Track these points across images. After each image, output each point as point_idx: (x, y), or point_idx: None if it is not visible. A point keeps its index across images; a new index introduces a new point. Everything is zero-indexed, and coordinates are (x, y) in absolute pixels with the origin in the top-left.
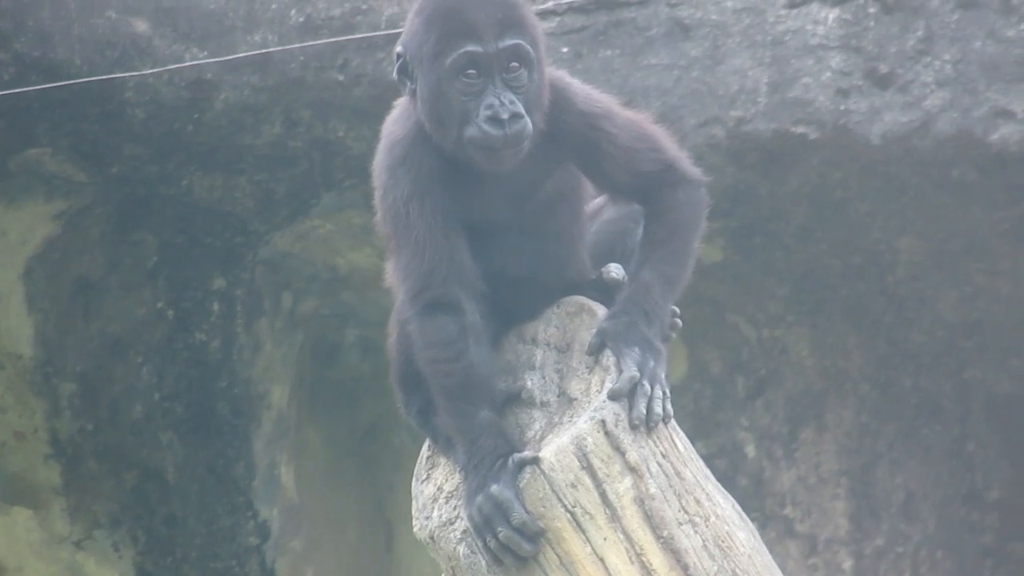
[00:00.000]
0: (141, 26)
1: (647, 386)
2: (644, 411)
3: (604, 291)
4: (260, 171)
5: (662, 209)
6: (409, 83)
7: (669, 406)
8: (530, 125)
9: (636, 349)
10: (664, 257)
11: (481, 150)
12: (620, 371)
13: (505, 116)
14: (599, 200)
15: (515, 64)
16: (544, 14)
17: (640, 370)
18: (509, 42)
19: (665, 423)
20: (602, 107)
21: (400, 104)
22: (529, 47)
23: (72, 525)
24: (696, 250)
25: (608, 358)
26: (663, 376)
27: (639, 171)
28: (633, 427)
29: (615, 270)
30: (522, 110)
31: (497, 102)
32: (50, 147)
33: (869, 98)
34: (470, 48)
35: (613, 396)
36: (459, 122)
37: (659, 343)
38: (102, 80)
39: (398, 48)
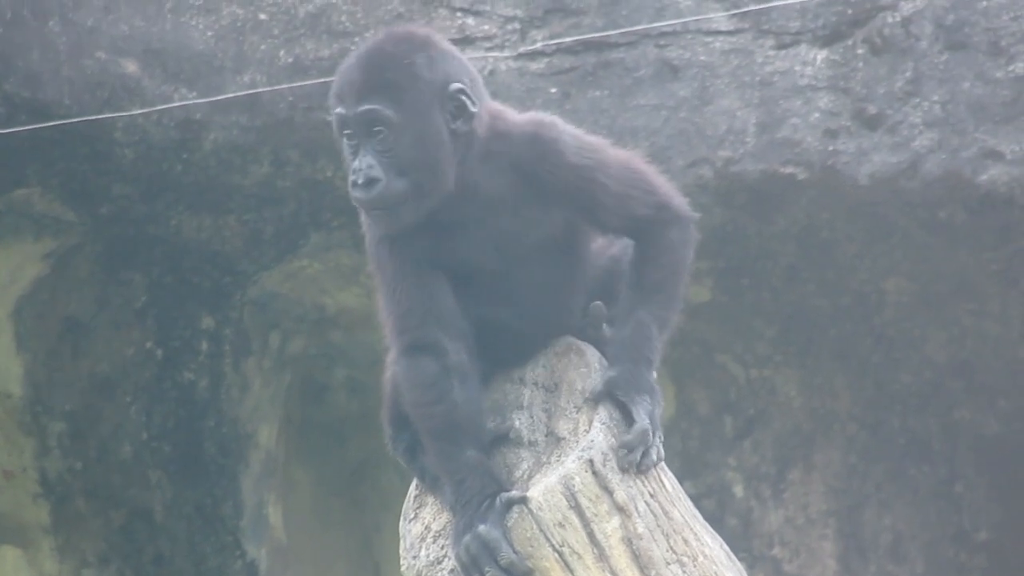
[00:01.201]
0: (131, 67)
1: (654, 439)
2: (655, 459)
3: (594, 330)
4: (248, 211)
5: (656, 250)
6: None
7: (662, 449)
8: (396, 187)
9: (646, 398)
10: (661, 302)
11: (361, 210)
12: (633, 420)
13: (360, 182)
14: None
15: (378, 128)
16: (533, 55)
17: (651, 419)
18: (365, 107)
19: (656, 465)
20: (594, 158)
21: None
22: (389, 111)
23: (61, 564)
24: (685, 288)
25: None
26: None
27: (633, 215)
28: (623, 470)
29: (598, 310)
30: (378, 174)
31: (356, 166)
32: (39, 187)
33: (857, 139)
34: (339, 110)
35: (628, 446)
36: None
37: (655, 384)
38: (91, 120)
39: None
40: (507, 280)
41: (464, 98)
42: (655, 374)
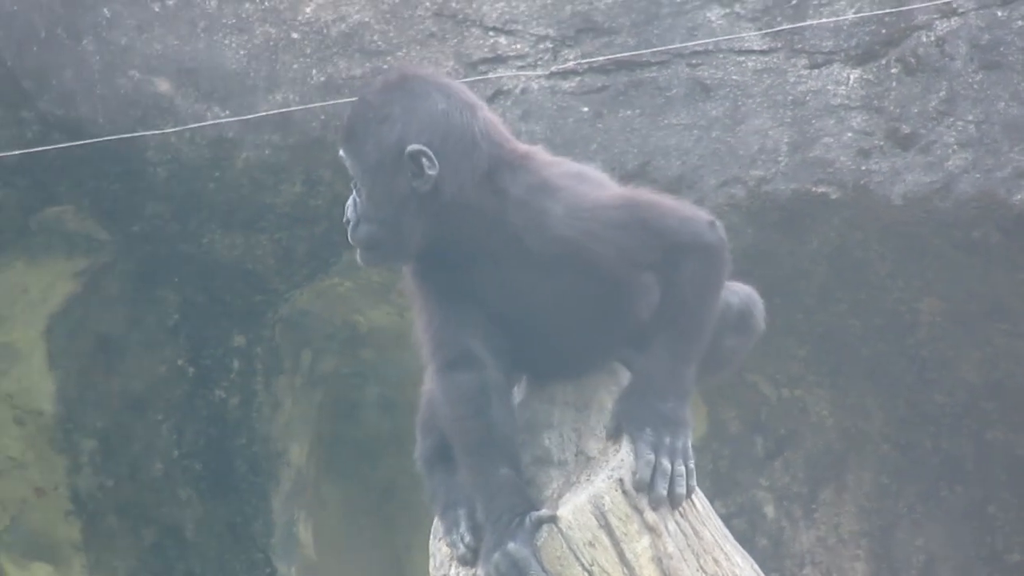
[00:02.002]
0: (163, 85)
1: (666, 464)
2: (664, 492)
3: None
4: (280, 229)
5: (670, 283)
6: None
7: (692, 481)
8: (363, 231)
9: (648, 430)
10: (674, 335)
11: None
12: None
13: (345, 219)
14: None
15: (351, 172)
16: (564, 74)
17: (655, 451)
18: (340, 151)
19: (688, 497)
20: (585, 227)
21: None
22: (351, 160)
23: None
24: (710, 316)
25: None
26: (685, 445)
27: (641, 261)
28: (653, 508)
29: None
30: (351, 215)
31: (348, 203)
32: (72, 205)
33: (891, 159)
34: (340, 151)
35: (637, 487)
36: None
37: (678, 414)
38: (124, 139)
39: None
40: (531, 325)
41: (424, 159)
42: (671, 403)
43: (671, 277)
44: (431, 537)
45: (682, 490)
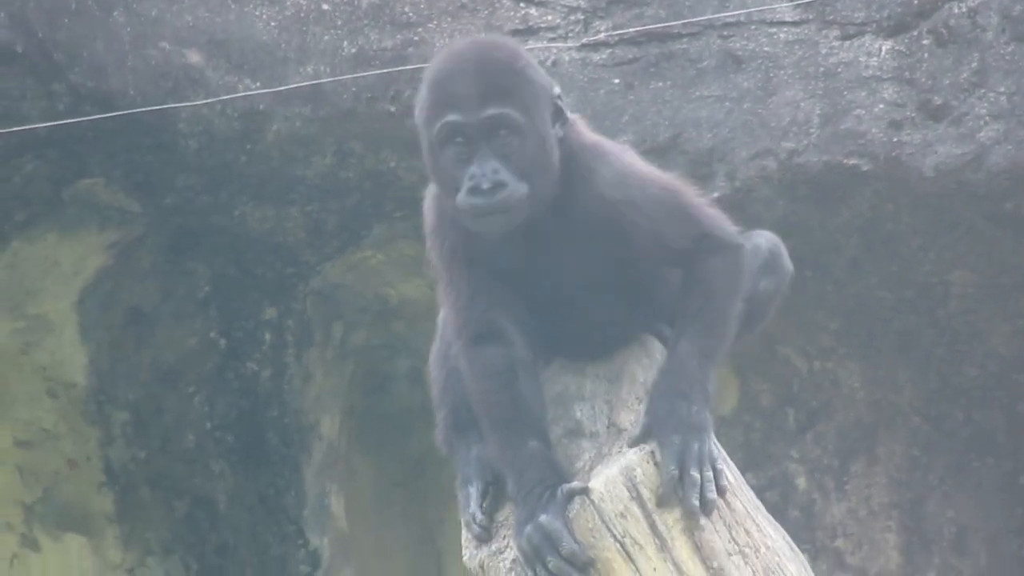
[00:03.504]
0: (194, 57)
1: (695, 475)
2: (696, 503)
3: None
4: (311, 202)
5: (695, 279)
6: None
7: (723, 481)
8: (520, 191)
9: (675, 438)
10: (700, 331)
11: (468, 216)
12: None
13: (485, 186)
14: None
15: (503, 132)
16: (595, 45)
17: (681, 461)
18: (492, 111)
19: (720, 495)
20: (626, 193)
21: None
22: (517, 113)
23: (125, 553)
24: (734, 316)
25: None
26: (711, 449)
27: (669, 246)
28: (690, 517)
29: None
30: (506, 178)
31: (479, 172)
32: (103, 177)
33: (922, 130)
34: (452, 118)
35: (663, 503)
36: (452, 188)
37: (702, 417)
38: (155, 111)
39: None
40: (557, 297)
41: (561, 103)
42: (696, 406)
43: (698, 269)
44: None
45: (712, 495)
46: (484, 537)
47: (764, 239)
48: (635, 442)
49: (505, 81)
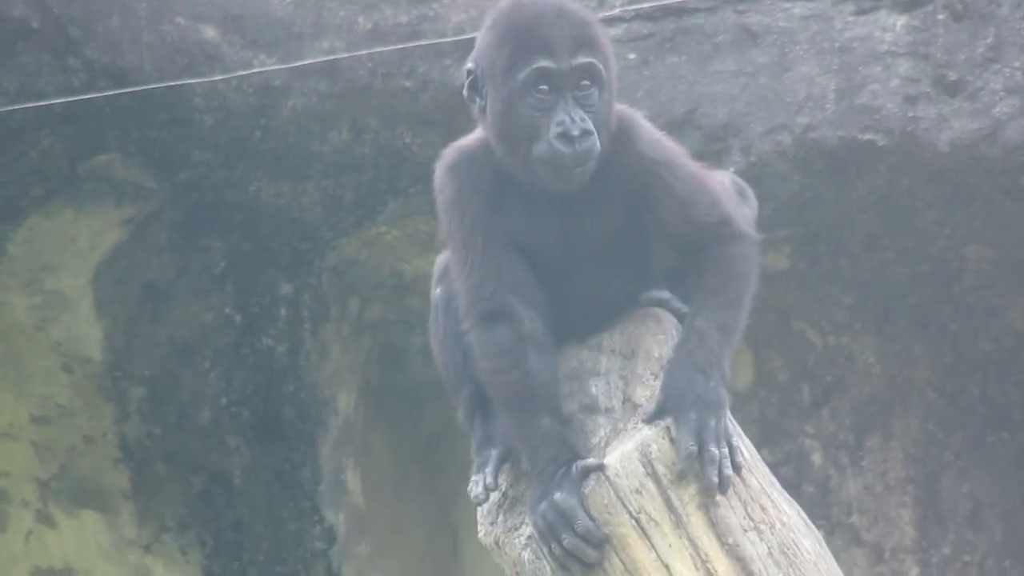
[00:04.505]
0: (210, 33)
1: (714, 451)
2: (716, 479)
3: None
4: (327, 177)
5: (716, 260)
6: (479, 100)
7: (739, 458)
8: (598, 144)
9: (692, 414)
10: (719, 305)
11: (549, 167)
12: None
13: (576, 133)
14: None
15: (586, 82)
16: (611, 20)
17: (699, 438)
18: (582, 60)
19: (736, 472)
20: (664, 155)
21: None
22: (601, 66)
23: (140, 529)
24: (749, 305)
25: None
26: (727, 426)
27: (694, 220)
28: (707, 494)
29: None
30: (592, 127)
31: (568, 119)
32: (119, 153)
33: (937, 105)
34: (543, 64)
35: (682, 477)
36: (529, 138)
37: (720, 394)
38: (171, 86)
39: (469, 64)
40: (577, 266)
41: None
42: (713, 382)
43: (718, 251)
44: None
45: (729, 472)
46: (481, 500)
47: (725, 176)
48: (651, 418)
49: (592, 31)
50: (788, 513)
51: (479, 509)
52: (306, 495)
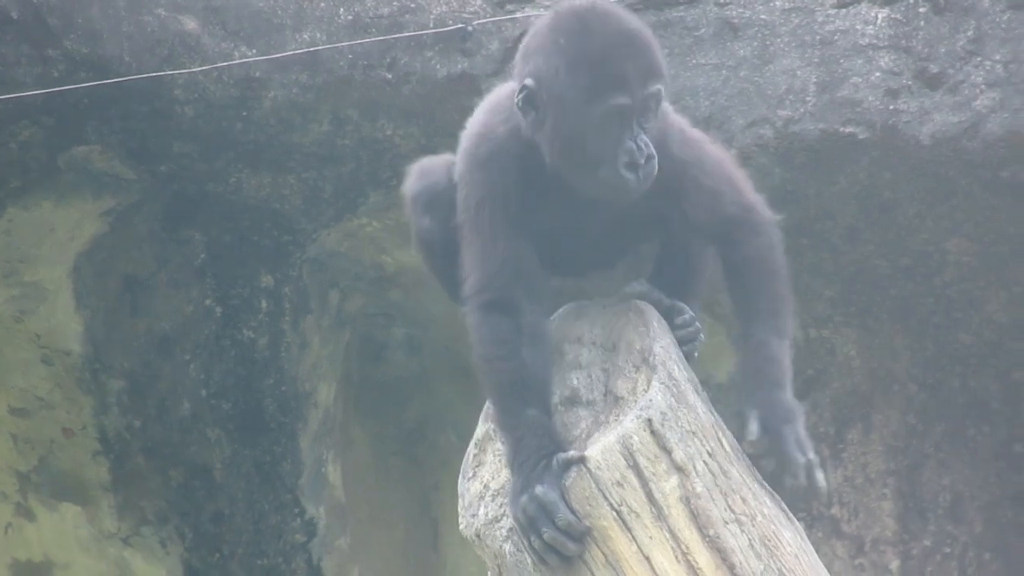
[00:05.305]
0: (190, 24)
1: (814, 458)
2: (823, 483)
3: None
4: (308, 169)
5: (749, 259)
6: (535, 114)
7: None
8: (658, 163)
9: (786, 428)
10: (770, 311)
11: (613, 190)
12: (789, 461)
13: (642, 161)
14: None
15: (652, 108)
16: None
17: (803, 448)
18: (652, 89)
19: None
20: (694, 154)
21: (496, 95)
22: (664, 87)
23: (120, 521)
24: (791, 296)
25: (654, 357)
26: (806, 434)
27: (720, 212)
28: (821, 500)
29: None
30: (654, 151)
31: (635, 147)
32: (99, 144)
33: (919, 98)
34: (622, 101)
35: (800, 491)
36: (595, 163)
37: (796, 403)
38: (151, 78)
39: (528, 81)
40: (584, 243)
41: None
42: (788, 393)
43: (747, 250)
44: (460, 477)
45: (822, 476)
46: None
47: None
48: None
49: (658, 56)
50: (769, 505)
51: (460, 500)
52: (287, 488)
